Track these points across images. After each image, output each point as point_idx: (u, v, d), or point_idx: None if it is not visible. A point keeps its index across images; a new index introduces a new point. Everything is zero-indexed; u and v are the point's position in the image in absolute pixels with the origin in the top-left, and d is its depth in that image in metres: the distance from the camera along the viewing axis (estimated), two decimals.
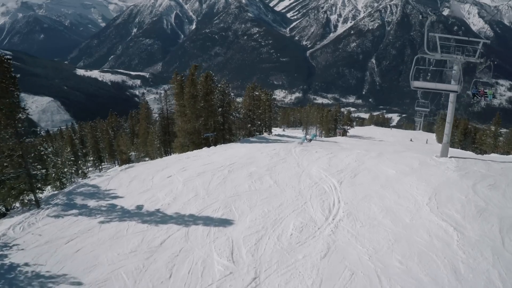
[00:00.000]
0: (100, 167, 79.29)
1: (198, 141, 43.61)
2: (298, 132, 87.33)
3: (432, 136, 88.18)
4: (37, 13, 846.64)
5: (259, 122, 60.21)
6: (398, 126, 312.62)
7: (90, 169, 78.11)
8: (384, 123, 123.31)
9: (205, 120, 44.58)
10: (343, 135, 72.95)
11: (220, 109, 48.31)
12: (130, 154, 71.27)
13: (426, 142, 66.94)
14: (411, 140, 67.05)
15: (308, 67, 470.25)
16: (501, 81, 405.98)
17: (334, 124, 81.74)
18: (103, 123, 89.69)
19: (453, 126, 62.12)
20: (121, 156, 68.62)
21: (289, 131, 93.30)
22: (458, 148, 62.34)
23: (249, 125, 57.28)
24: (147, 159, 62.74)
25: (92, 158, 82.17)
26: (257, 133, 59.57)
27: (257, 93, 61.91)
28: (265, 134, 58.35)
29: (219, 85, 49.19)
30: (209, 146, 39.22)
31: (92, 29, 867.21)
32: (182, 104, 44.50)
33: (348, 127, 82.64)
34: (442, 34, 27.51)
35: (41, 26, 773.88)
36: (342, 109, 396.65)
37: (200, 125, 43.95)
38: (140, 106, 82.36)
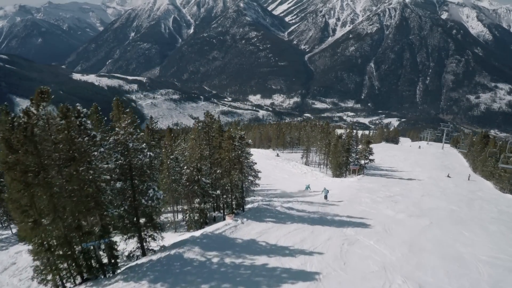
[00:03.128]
0: None
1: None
2: (297, 157, 76.58)
3: (461, 160, 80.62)
4: (35, 17, 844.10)
5: (218, 192, 32.51)
6: (398, 131, 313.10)
7: None
8: (394, 138, 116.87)
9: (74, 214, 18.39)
10: (358, 173, 55.52)
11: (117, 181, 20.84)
12: None
13: (469, 179, 56.98)
14: (448, 176, 56.62)
15: (306, 72, 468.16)
16: (500, 85, 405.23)
17: (346, 156, 56.46)
18: None
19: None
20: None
21: (285, 155, 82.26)
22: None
23: (197, 199, 29.84)
24: None
25: None
26: (215, 214, 34.23)
27: (213, 134, 35.01)
28: (230, 220, 27.21)
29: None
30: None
31: (90, 33, 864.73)
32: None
33: (366, 161, 60.05)
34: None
35: (39, 30, 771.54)
36: (342, 115, 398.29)
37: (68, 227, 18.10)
38: None
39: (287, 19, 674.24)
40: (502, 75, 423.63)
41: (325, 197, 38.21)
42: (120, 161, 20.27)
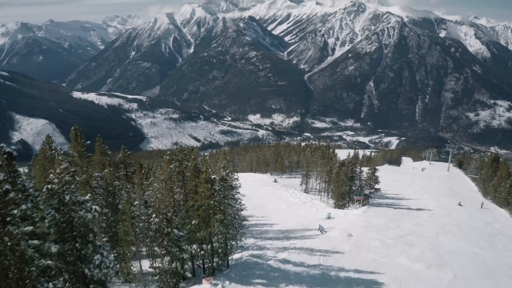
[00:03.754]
0: None
1: None
2: (296, 183, 71.10)
3: (470, 184, 76.56)
4: (36, 35, 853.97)
5: (194, 247, 26.46)
6: (401, 152, 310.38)
7: None
8: (397, 160, 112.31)
9: None
10: (363, 204, 50.42)
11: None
12: None
13: (481, 207, 53.07)
14: (460, 204, 52.44)
15: (306, 91, 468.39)
16: (499, 102, 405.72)
17: (349, 185, 50.44)
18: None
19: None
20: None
21: (283, 181, 77.38)
22: None
23: (167, 257, 23.35)
24: None
25: None
26: (190, 275, 27.63)
27: (188, 173, 27.77)
28: (207, 286, 23.04)
29: None
30: None
31: (91, 51, 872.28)
32: None
33: (372, 190, 53.13)
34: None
35: (40, 48, 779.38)
36: (342, 134, 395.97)
37: None
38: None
39: (286, 38, 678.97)
40: (501, 92, 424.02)
41: (321, 230, 36.12)
42: (54, 219, 15.43)
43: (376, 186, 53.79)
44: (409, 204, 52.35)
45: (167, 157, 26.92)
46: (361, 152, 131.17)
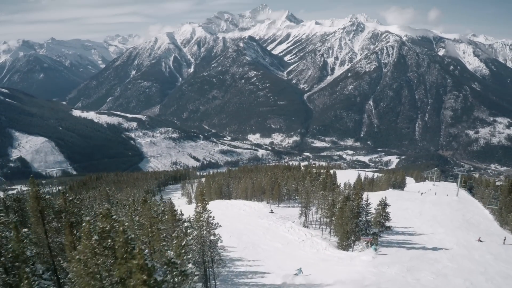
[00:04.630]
0: None
1: None
2: (295, 214, 64.67)
3: (483, 212, 71.26)
4: (37, 53, 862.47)
5: None
6: (398, 169, 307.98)
7: None
8: (401, 183, 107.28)
9: None
10: (371, 244, 44.00)
11: None
12: None
13: (504, 242, 47.80)
14: (480, 240, 47.35)
15: (305, 110, 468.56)
16: (498, 119, 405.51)
17: (355, 223, 44.10)
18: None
19: None
20: None
21: (281, 211, 71.33)
22: None
23: None
24: None
25: None
26: None
27: (106, 226, 15.48)
28: None
29: None
30: None
31: (92, 70, 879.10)
32: None
33: (382, 228, 46.36)
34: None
35: (41, 66, 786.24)
36: (342, 153, 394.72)
37: None
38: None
39: (286, 58, 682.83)
40: (500, 109, 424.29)
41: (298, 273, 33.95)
42: None
43: (387, 224, 47.88)
44: (423, 241, 46.87)
45: (87, 224, 15.74)
46: (362, 174, 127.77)
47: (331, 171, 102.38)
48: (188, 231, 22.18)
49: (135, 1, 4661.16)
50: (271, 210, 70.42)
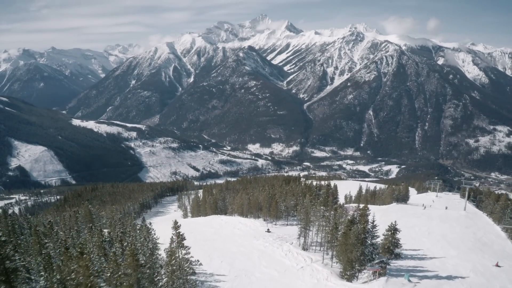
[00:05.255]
0: None
1: None
2: (293, 233, 59.55)
3: (495, 229, 66.81)
4: (38, 62, 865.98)
5: None
6: (398, 179, 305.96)
7: None
8: (405, 196, 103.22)
9: None
10: (379, 274, 39.08)
11: None
12: None
13: None
14: (497, 265, 43.66)
15: (305, 120, 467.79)
16: (498, 127, 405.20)
17: (361, 250, 38.93)
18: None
19: None
20: None
21: (278, 230, 66.50)
22: None
23: None
24: None
25: None
26: None
27: None
28: None
29: None
30: None
31: (92, 79, 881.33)
32: None
33: (391, 256, 43.51)
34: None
35: (42, 75, 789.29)
36: (342, 163, 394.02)
37: None
38: None
39: (286, 68, 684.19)
40: (500, 118, 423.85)
41: None
42: None
43: (397, 251, 43.92)
44: (435, 267, 42.16)
45: None
46: (363, 185, 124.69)
47: (332, 183, 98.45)
48: (156, 278, 18.72)
49: (135, 11, 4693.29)
50: (268, 229, 65.61)
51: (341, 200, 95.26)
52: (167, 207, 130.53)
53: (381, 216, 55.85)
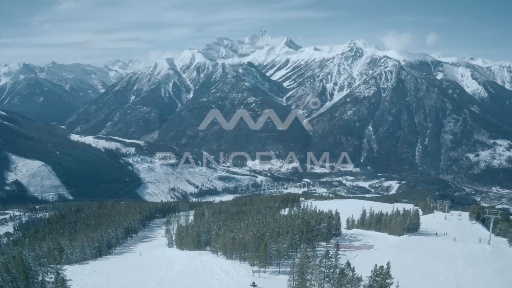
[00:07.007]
0: None
1: None
2: (285, 286, 45.80)
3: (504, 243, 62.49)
4: (38, 76, 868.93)
5: None
6: (399, 194, 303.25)
7: None
8: (416, 225, 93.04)
9: None
10: None
11: None
12: None
13: None
14: None
15: (305, 136, 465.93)
16: (499, 141, 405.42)
17: None
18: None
19: None
20: None
21: (267, 282, 50.87)
22: None
23: None
24: None
25: None
26: None
27: None
28: None
29: None
30: None
31: (92, 94, 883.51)
32: None
33: None
34: None
35: (41, 89, 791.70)
36: (341, 179, 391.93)
37: None
38: None
39: (285, 84, 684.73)
40: (500, 132, 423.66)
41: None
42: None
43: None
44: None
45: None
46: (367, 206, 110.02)
47: (333, 206, 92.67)
48: None
49: (136, 26, 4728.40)
50: (253, 282, 49.21)
51: (343, 224, 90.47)
52: (156, 232, 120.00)
53: (394, 258, 47.53)
